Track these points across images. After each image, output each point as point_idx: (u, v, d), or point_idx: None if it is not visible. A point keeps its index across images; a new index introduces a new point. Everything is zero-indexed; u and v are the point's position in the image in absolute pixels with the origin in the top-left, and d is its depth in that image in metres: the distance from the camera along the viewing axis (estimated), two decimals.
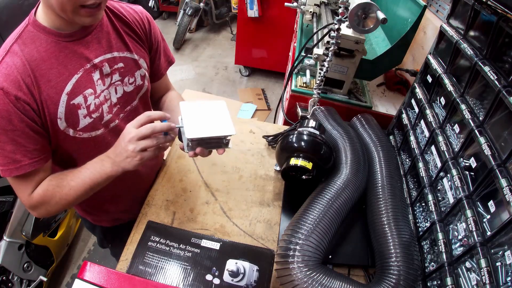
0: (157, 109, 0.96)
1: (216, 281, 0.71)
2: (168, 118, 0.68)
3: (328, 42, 1.05)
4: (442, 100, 0.87)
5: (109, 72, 0.73)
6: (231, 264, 0.74)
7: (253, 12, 2.89)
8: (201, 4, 3.75)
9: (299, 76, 1.43)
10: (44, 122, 0.65)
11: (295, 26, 2.19)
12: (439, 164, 0.79)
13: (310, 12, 1.70)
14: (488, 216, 0.59)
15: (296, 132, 0.89)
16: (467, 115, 0.71)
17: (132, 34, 0.78)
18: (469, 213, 0.62)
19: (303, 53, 1.38)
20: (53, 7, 0.59)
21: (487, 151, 0.61)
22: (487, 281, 0.52)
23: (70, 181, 0.69)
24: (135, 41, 0.79)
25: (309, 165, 0.83)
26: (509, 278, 0.51)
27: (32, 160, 0.65)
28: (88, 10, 0.60)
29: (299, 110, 1.30)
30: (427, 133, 0.89)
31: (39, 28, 0.63)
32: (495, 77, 0.64)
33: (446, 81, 0.84)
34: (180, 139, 0.73)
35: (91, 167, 0.69)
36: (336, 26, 1.00)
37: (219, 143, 0.70)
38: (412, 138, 0.96)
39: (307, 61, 1.46)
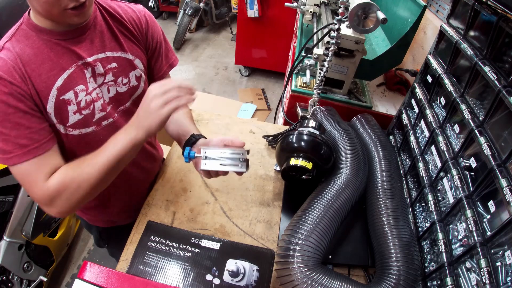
0: None
1: (216, 281, 0.71)
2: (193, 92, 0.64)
3: (328, 42, 1.05)
4: (442, 100, 0.87)
5: (103, 72, 0.73)
6: (231, 264, 0.74)
7: (253, 12, 2.89)
8: (201, 4, 3.75)
9: (299, 76, 1.43)
10: (40, 111, 0.65)
11: (295, 26, 2.19)
12: (439, 164, 0.79)
13: (310, 12, 1.70)
14: (488, 216, 0.59)
15: (296, 132, 0.89)
16: (467, 115, 0.71)
17: (128, 33, 0.77)
18: (469, 213, 0.62)
19: (303, 53, 1.38)
20: (41, 13, 0.61)
21: (487, 151, 0.61)
22: (487, 281, 0.52)
23: (91, 160, 0.64)
24: (131, 40, 0.78)
25: (309, 165, 0.83)
26: (509, 278, 0.51)
27: (40, 142, 0.63)
28: (74, 11, 0.61)
29: (299, 110, 1.30)
30: (427, 133, 0.89)
31: (32, 27, 0.64)
32: (495, 77, 0.64)
33: (446, 81, 0.84)
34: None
35: (113, 139, 0.64)
36: (336, 26, 1.00)
37: (235, 161, 0.69)
38: (412, 138, 0.96)
39: (307, 61, 1.46)
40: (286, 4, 1.81)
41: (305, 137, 0.87)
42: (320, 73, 1.14)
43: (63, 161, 0.68)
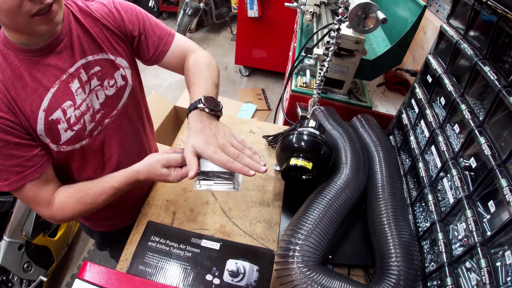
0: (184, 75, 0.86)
1: (216, 281, 0.71)
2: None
3: (328, 42, 1.05)
4: (442, 100, 0.87)
5: (87, 78, 0.70)
6: (231, 264, 0.74)
7: (253, 12, 2.90)
8: (201, 4, 3.75)
9: (299, 76, 1.43)
10: (31, 135, 0.65)
11: (295, 26, 2.19)
12: (439, 164, 0.79)
13: (310, 12, 1.70)
14: (488, 216, 0.59)
15: (296, 132, 0.89)
16: (467, 115, 0.71)
17: (105, 30, 0.73)
18: (469, 213, 0.62)
19: (303, 53, 1.38)
20: (8, 26, 0.58)
21: (487, 151, 0.61)
22: (487, 281, 0.52)
23: (91, 191, 0.72)
24: (108, 38, 0.74)
25: (309, 165, 0.83)
26: (509, 278, 0.51)
27: (34, 167, 0.64)
28: (40, 18, 0.56)
29: (299, 110, 1.30)
30: (427, 133, 0.89)
31: (9, 45, 0.61)
32: (495, 77, 0.64)
33: (446, 81, 0.84)
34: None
35: (113, 176, 0.72)
36: (336, 26, 1.00)
37: (228, 184, 0.69)
38: (412, 138, 0.96)
39: (307, 61, 1.46)
40: (286, 4, 1.81)
41: (305, 137, 0.87)
42: (320, 73, 1.14)
43: (58, 181, 0.73)
